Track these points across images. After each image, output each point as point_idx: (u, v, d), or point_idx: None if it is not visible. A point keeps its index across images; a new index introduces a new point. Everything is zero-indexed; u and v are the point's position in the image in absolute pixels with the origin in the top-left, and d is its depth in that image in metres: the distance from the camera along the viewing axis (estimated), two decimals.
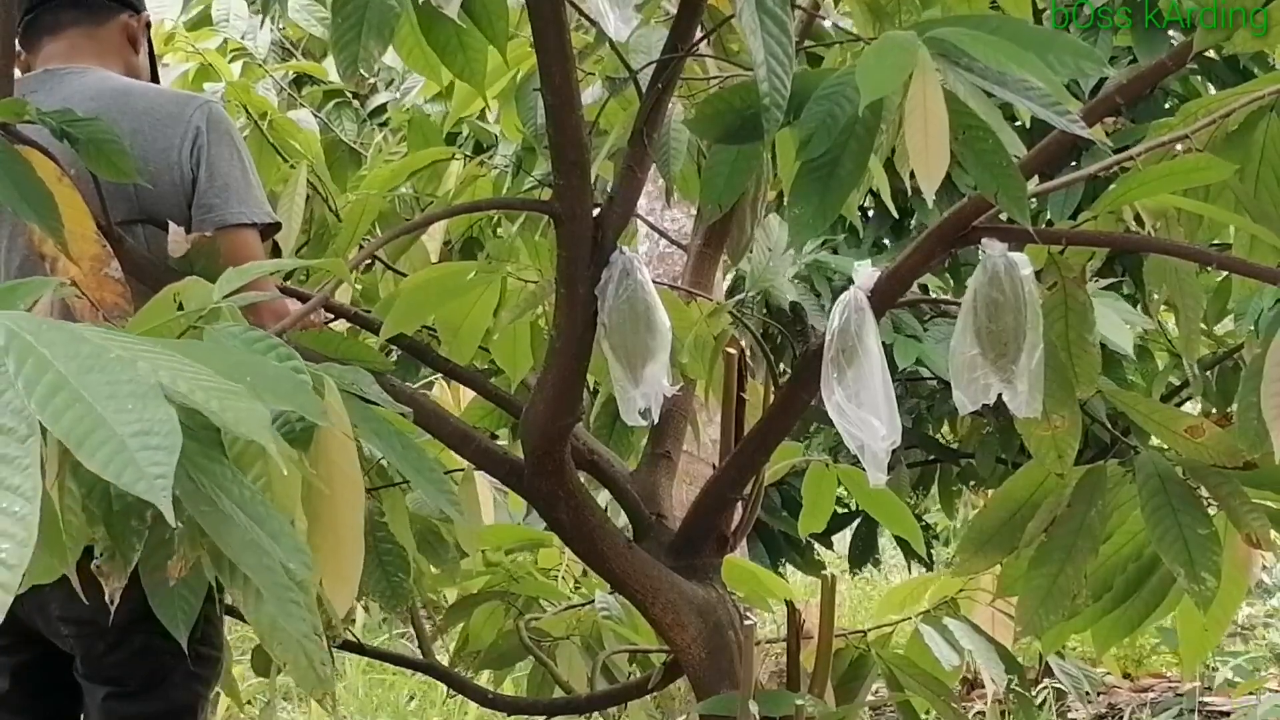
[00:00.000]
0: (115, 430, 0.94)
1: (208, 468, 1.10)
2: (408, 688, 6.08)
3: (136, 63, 2.51)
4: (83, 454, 0.93)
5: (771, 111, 1.56)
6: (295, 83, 4.78)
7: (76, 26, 2.45)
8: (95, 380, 0.96)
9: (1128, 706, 5.90)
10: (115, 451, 0.93)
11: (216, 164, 2.29)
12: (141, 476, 0.93)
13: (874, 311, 1.87)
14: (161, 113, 2.31)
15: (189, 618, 1.38)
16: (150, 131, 2.28)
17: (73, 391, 0.95)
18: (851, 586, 8.29)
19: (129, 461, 0.93)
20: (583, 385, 2.15)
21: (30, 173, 1.70)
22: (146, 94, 2.37)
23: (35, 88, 2.34)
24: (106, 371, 0.97)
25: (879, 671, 2.49)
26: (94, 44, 2.45)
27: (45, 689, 2.48)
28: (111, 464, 0.93)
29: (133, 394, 0.96)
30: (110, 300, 1.71)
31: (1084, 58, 1.56)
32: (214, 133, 2.31)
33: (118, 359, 0.98)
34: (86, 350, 0.98)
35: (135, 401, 0.95)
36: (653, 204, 4.35)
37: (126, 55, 2.49)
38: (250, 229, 2.30)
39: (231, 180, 2.30)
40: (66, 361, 0.96)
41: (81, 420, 0.94)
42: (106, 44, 2.46)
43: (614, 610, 2.80)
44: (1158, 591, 2.14)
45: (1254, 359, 1.84)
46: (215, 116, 2.33)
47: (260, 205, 2.33)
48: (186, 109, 2.32)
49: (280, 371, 1.19)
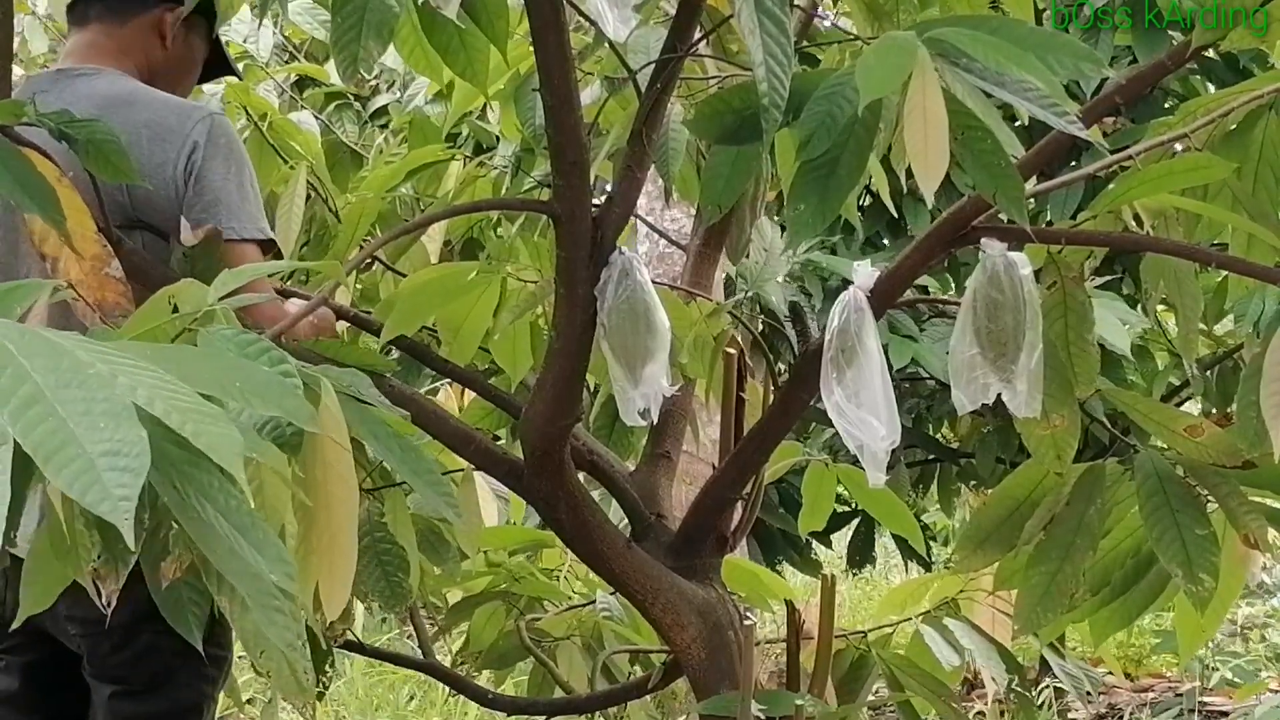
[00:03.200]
0: (85, 448, 0.93)
1: (193, 476, 1.09)
2: (408, 687, 6.09)
3: (161, 59, 2.47)
4: (50, 470, 0.93)
5: (771, 111, 1.56)
6: (297, 85, 4.78)
7: (100, 22, 2.44)
8: (71, 396, 0.96)
9: (1128, 706, 5.90)
10: (82, 470, 0.93)
11: (209, 179, 2.26)
12: (106, 497, 0.92)
13: (873, 311, 1.88)
14: (162, 125, 2.29)
15: (200, 620, 1.38)
16: (148, 145, 2.26)
17: (47, 406, 0.95)
18: (851, 586, 8.29)
19: (95, 480, 0.93)
20: (582, 385, 2.15)
21: (31, 167, 1.70)
22: (150, 104, 2.34)
23: (46, 87, 2.34)
24: (84, 387, 0.96)
25: (879, 672, 2.49)
26: (112, 42, 2.43)
27: (54, 688, 2.49)
28: (77, 482, 0.93)
29: (106, 412, 0.95)
30: (111, 300, 1.71)
31: (1084, 58, 1.56)
32: (211, 147, 2.27)
33: (96, 375, 0.98)
34: (67, 364, 0.98)
35: (108, 420, 0.95)
36: (652, 204, 4.35)
37: (150, 53, 2.46)
38: (242, 244, 2.26)
39: (223, 195, 2.26)
40: (45, 374, 0.96)
41: (53, 435, 0.94)
42: (126, 42, 2.44)
43: (614, 610, 2.80)
44: (1155, 585, 2.14)
45: (1254, 359, 1.84)
46: (215, 130, 2.30)
47: (254, 221, 2.29)
48: (187, 122, 2.29)
49: (270, 377, 1.18)
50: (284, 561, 1.12)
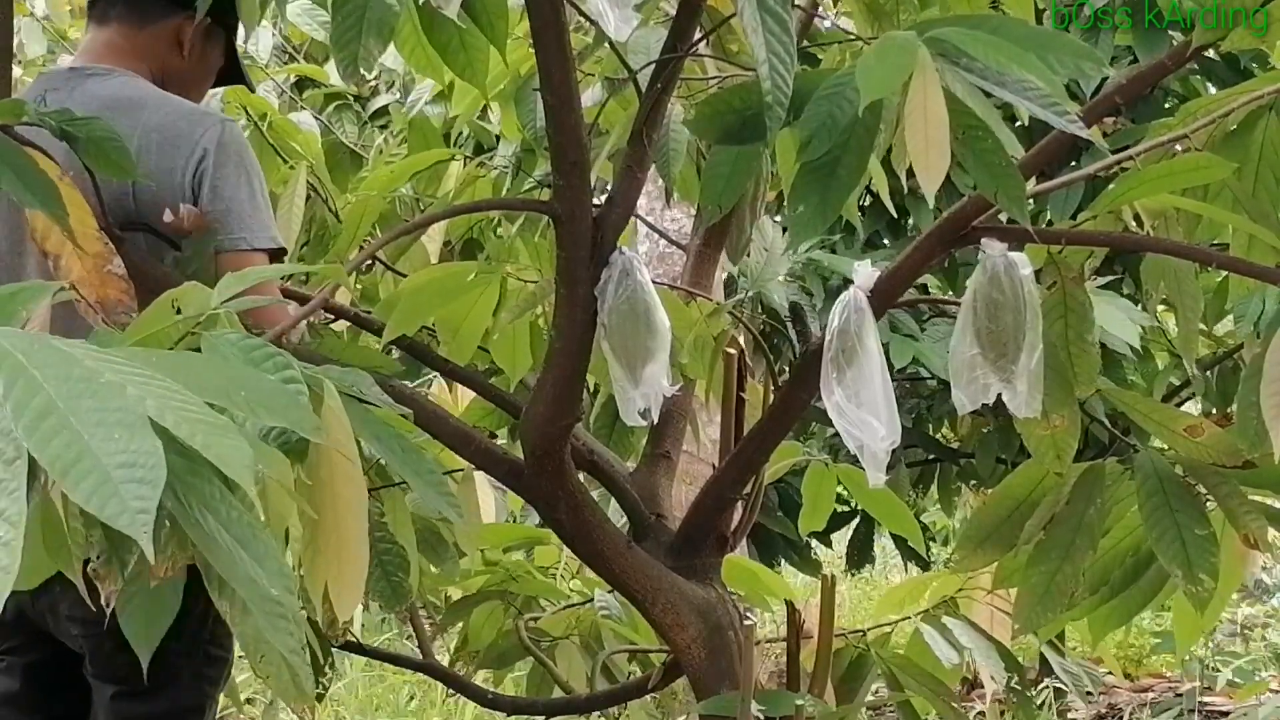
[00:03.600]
0: (101, 460, 0.92)
1: (195, 486, 1.08)
2: (407, 687, 6.09)
3: (178, 68, 2.45)
4: (67, 483, 0.92)
5: (774, 110, 1.56)
6: (297, 86, 4.79)
7: (120, 23, 2.42)
8: (85, 406, 0.94)
9: (1128, 706, 5.90)
10: (100, 482, 0.92)
11: (221, 187, 2.25)
12: (124, 510, 0.92)
13: (874, 311, 1.88)
14: (171, 131, 2.27)
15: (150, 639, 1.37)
16: (157, 150, 2.25)
17: (61, 418, 0.94)
18: (851, 586, 8.29)
19: (113, 493, 0.92)
20: (583, 385, 2.15)
21: (34, 164, 1.69)
22: (161, 108, 2.32)
23: (58, 85, 2.33)
24: (96, 398, 0.95)
25: (879, 671, 2.49)
26: (129, 44, 2.41)
27: (56, 689, 2.49)
28: (95, 495, 0.92)
29: (121, 423, 0.94)
30: (114, 297, 1.70)
31: (1084, 58, 1.56)
32: (221, 154, 2.26)
33: (108, 384, 0.96)
34: (78, 373, 0.97)
35: (123, 431, 0.94)
36: (653, 204, 4.36)
37: (166, 60, 2.44)
38: (252, 254, 2.25)
39: (235, 204, 2.26)
40: (58, 385, 0.95)
41: (68, 448, 0.93)
42: (144, 46, 2.42)
43: (614, 610, 2.80)
44: (1154, 584, 2.15)
45: (1254, 359, 1.84)
46: (226, 138, 2.28)
47: (265, 229, 2.29)
48: (197, 129, 2.28)
49: (275, 386, 1.18)
50: (283, 575, 1.11)
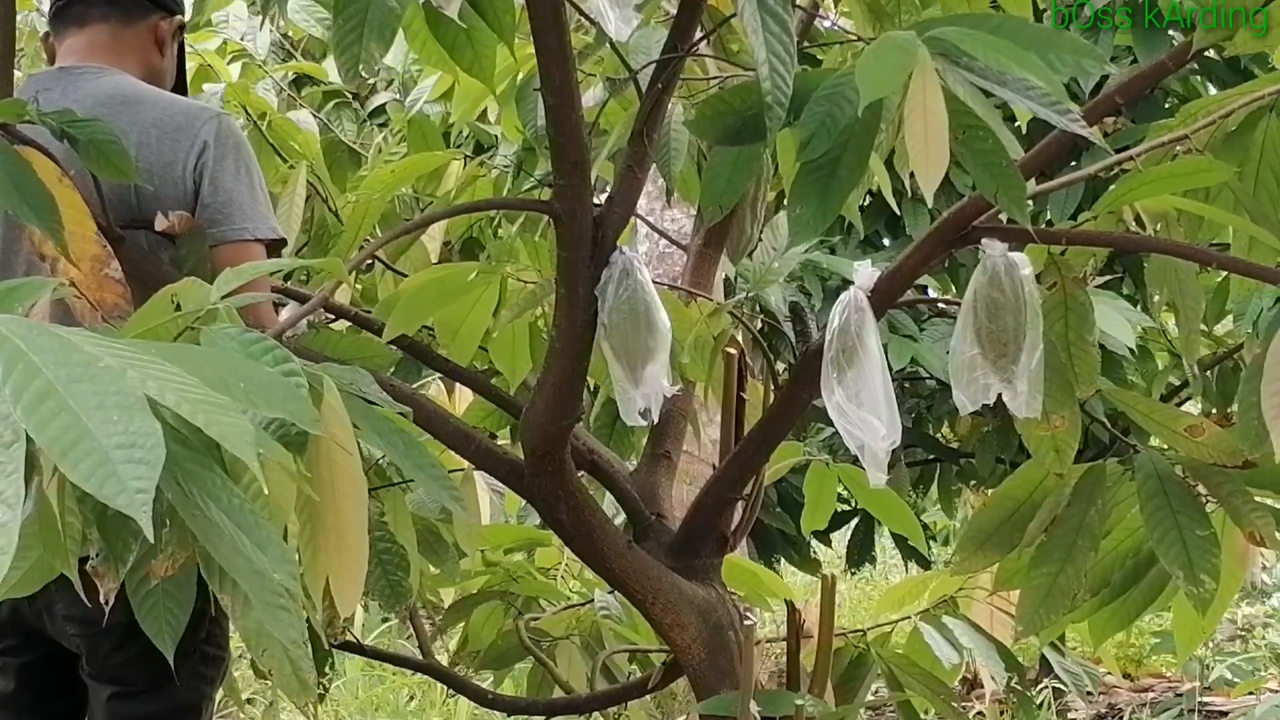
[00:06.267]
0: (100, 442, 0.93)
1: (197, 474, 1.08)
2: (407, 687, 6.08)
3: (159, 66, 2.46)
4: (66, 464, 0.92)
5: (775, 110, 1.56)
6: (295, 83, 4.78)
7: (104, 23, 2.42)
8: (83, 389, 0.95)
9: (1128, 706, 5.90)
10: (99, 464, 0.92)
11: (221, 179, 2.26)
12: (123, 490, 0.92)
13: (874, 311, 1.88)
14: (170, 125, 2.28)
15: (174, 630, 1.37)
16: (156, 144, 2.26)
17: (60, 400, 0.94)
18: (851, 586, 8.29)
19: (111, 474, 0.92)
20: (583, 385, 2.15)
21: (30, 173, 1.69)
22: (157, 103, 2.33)
23: (49, 85, 2.33)
24: (95, 381, 0.95)
25: (879, 671, 2.49)
26: (116, 43, 2.41)
27: (52, 690, 2.48)
28: (94, 476, 0.92)
29: (120, 405, 0.94)
30: (110, 300, 1.71)
31: (1085, 55, 1.56)
32: (220, 147, 2.27)
33: (107, 368, 0.97)
34: (77, 358, 0.97)
35: (121, 413, 0.94)
36: (653, 204, 4.35)
37: (150, 57, 2.45)
38: (254, 245, 2.27)
39: (236, 195, 2.27)
40: (56, 369, 0.95)
41: (67, 430, 0.93)
42: (130, 44, 2.43)
43: (614, 610, 2.80)
44: (1155, 585, 2.14)
45: (1254, 359, 1.84)
46: (224, 131, 2.30)
47: (265, 220, 2.30)
48: (195, 122, 2.29)
49: (274, 378, 1.18)
50: (287, 560, 1.11)
